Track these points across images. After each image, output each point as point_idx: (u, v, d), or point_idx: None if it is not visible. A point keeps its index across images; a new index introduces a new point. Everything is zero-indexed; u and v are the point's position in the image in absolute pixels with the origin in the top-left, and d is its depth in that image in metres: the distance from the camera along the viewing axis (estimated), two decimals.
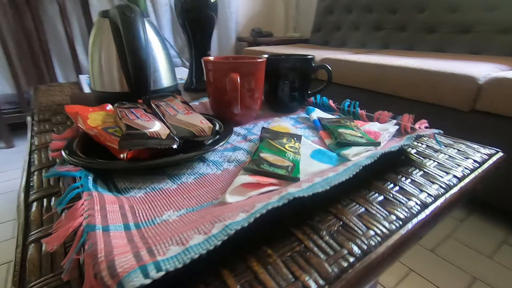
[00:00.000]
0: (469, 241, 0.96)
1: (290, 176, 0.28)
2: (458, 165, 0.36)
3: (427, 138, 0.44)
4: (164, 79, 0.59)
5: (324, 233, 0.24)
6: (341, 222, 0.25)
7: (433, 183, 0.32)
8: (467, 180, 0.33)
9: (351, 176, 0.26)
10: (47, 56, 1.66)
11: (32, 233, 0.25)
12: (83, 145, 0.35)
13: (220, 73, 0.43)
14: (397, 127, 0.42)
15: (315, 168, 0.31)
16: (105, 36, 0.52)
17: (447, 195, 0.30)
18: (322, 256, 0.22)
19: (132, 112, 0.38)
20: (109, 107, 0.45)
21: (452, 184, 0.32)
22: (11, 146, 1.71)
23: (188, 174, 0.31)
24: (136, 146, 0.29)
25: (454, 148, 0.41)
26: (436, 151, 0.40)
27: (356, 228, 0.24)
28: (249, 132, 0.44)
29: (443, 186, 0.31)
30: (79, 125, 0.38)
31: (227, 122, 0.43)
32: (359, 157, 0.32)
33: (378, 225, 0.25)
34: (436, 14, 1.53)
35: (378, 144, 0.37)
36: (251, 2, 2.62)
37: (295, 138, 0.39)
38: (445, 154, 0.39)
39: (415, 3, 1.61)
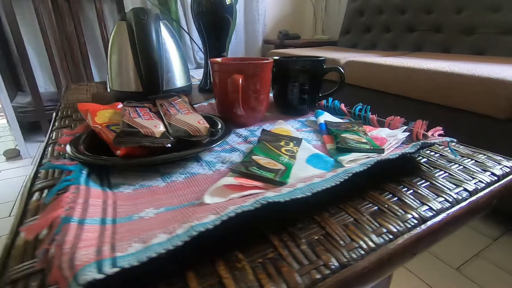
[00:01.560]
0: (501, 262, 0.87)
1: (277, 180, 0.27)
2: (473, 177, 0.33)
3: (442, 147, 0.41)
4: (178, 80, 0.61)
5: (303, 241, 0.23)
6: (324, 231, 0.24)
7: (438, 195, 0.29)
8: (480, 194, 0.30)
9: (338, 183, 0.25)
10: (85, 57, 1.78)
11: (27, 220, 0.26)
12: (90, 141, 0.37)
13: (225, 74, 0.43)
14: (406, 133, 0.39)
15: (308, 173, 0.30)
16: (123, 38, 0.54)
17: (452, 210, 0.27)
18: (295, 265, 0.21)
19: (136, 111, 0.39)
20: (120, 106, 0.47)
21: (460, 198, 0.29)
22: None
23: (180, 173, 0.32)
24: (129, 143, 0.30)
25: (471, 159, 0.37)
26: (450, 161, 0.37)
27: (338, 239, 0.23)
28: (252, 134, 0.44)
29: (450, 199, 0.28)
30: (88, 121, 0.40)
31: (231, 123, 0.43)
32: (355, 163, 0.31)
33: (364, 237, 0.23)
34: (476, 14, 1.41)
35: (382, 151, 0.34)
36: (280, 4, 2.62)
37: (294, 142, 0.38)
38: (459, 164, 0.36)
39: (452, 3, 1.51)
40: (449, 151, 0.39)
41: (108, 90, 0.80)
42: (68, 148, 0.33)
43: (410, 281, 0.82)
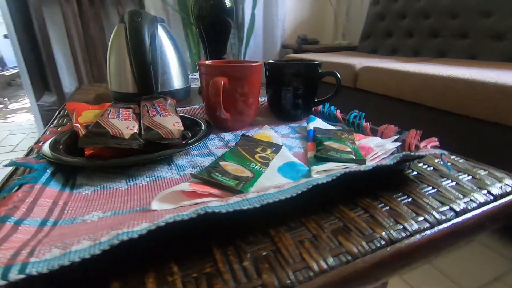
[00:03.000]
0: None
1: (236, 189, 0.26)
2: (464, 195, 0.29)
3: (437, 160, 0.37)
4: (175, 82, 0.61)
5: (248, 256, 0.21)
6: (275, 247, 0.22)
7: (418, 214, 0.26)
8: (467, 215, 0.27)
9: (294, 195, 0.23)
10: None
11: None
12: (72, 141, 0.37)
13: (210, 77, 0.43)
14: (396, 144, 0.36)
15: (275, 182, 0.28)
16: (120, 40, 0.55)
17: (430, 231, 0.24)
18: (231, 283, 0.19)
19: (117, 112, 0.39)
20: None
21: (443, 218, 0.26)
22: None
23: (146, 176, 0.31)
24: (94, 143, 0.30)
25: (469, 175, 0.33)
26: (443, 176, 0.33)
27: (288, 257, 0.21)
28: (236, 139, 0.42)
29: (430, 220, 0.25)
30: (72, 121, 0.40)
31: (219, 127, 0.42)
32: (326, 174, 0.28)
33: (317, 256, 0.21)
34: (506, 18, 1.32)
35: (363, 162, 0.32)
36: (300, 9, 2.60)
37: (273, 148, 0.36)
38: (453, 180, 0.32)
39: (480, 7, 1.42)
40: (444, 164, 0.36)
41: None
42: (45, 146, 0.33)
43: None
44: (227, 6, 0.63)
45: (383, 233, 0.23)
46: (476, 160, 0.37)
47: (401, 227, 0.24)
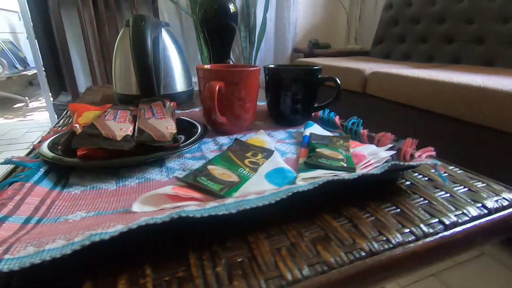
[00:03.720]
0: None
1: (218, 194, 0.26)
2: (456, 208, 0.28)
3: (433, 170, 0.36)
4: (178, 84, 0.62)
5: (222, 262, 0.21)
6: (250, 254, 0.22)
7: (404, 226, 0.25)
8: (457, 229, 0.26)
9: (273, 202, 0.23)
10: None
11: None
12: (70, 141, 0.38)
13: (207, 81, 0.43)
14: (391, 152, 0.35)
15: (260, 188, 0.28)
16: (125, 43, 0.57)
17: (415, 244, 0.24)
18: None
19: (115, 114, 0.40)
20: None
21: (430, 231, 0.25)
22: None
23: (136, 178, 0.31)
24: (86, 144, 0.30)
25: (465, 186, 0.32)
26: (437, 187, 0.32)
27: (262, 264, 0.21)
28: (231, 143, 0.42)
29: (417, 232, 0.25)
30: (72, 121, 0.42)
31: (216, 130, 0.42)
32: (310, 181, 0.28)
33: (291, 265, 0.21)
34: None
35: (353, 170, 0.31)
36: (312, 13, 2.59)
37: (265, 153, 0.36)
38: (447, 192, 0.31)
39: (497, 13, 1.37)
40: (447, 175, 0.34)
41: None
42: (43, 145, 0.35)
43: None
44: (231, 11, 0.64)
45: (364, 244, 0.23)
46: (486, 170, 0.36)
47: (384, 238, 0.24)
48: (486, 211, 0.28)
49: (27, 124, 2.57)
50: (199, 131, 0.41)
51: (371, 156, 0.34)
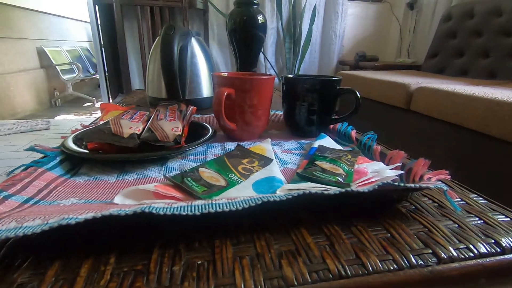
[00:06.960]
0: None
1: (198, 196, 0.26)
2: (460, 241, 0.25)
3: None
4: (204, 90, 0.65)
5: (182, 263, 0.21)
6: (211, 258, 0.22)
7: (389, 253, 0.23)
8: (453, 265, 0.23)
9: (240, 208, 0.22)
10: None
11: None
12: None
13: (219, 87, 0.44)
14: (397, 172, 0.32)
15: (243, 195, 0.28)
16: (157, 51, 0.61)
17: (387, 274, 0.21)
18: (154, 284, 0.19)
19: (134, 114, 0.43)
20: None
21: (415, 263, 0.22)
22: None
23: (135, 173, 0.34)
24: (95, 139, 0.34)
25: (481, 219, 0.28)
26: (445, 215, 0.29)
27: (219, 270, 0.21)
28: None
29: (400, 261, 0.22)
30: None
31: (228, 136, 0.43)
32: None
33: (249, 277, 0.20)
34: None
35: (347, 186, 0.29)
36: (362, 25, 2.52)
37: (262, 162, 0.36)
38: (456, 222, 0.27)
39: None
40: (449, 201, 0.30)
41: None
42: (69, 137, 0.39)
43: None
44: (260, 22, 0.65)
45: (334, 266, 0.21)
46: None
47: (360, 263, 0.22)
48: (499, 250, 0.24)
49: (91, 121, 2.90)
50: (208, 134, 0.43)
51: (374, 174, 0.32)
